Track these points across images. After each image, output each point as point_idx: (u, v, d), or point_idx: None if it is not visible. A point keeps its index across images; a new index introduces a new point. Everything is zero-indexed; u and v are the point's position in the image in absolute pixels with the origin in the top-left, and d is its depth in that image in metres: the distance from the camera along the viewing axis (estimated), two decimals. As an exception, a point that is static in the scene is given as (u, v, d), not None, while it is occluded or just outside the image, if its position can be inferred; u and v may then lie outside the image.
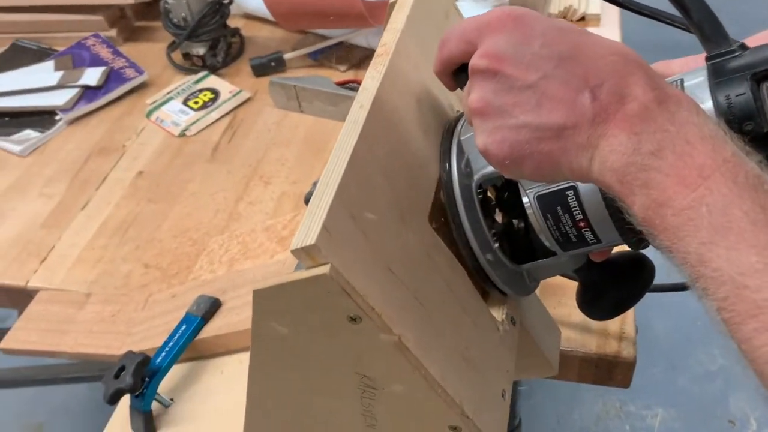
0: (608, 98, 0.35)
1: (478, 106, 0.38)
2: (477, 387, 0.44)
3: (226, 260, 0.79)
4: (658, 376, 1.66)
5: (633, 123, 0.34)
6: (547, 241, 0.45)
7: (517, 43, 0.37)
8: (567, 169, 0.37)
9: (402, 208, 0.42)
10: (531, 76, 0.37)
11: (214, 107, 1.07)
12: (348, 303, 0.35)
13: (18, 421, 1.63)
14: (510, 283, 0.48)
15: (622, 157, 0.34)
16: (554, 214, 0.43)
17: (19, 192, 0.97)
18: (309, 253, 0.34)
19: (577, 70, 0.36)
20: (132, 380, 0.59)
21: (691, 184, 0.32)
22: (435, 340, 0.41)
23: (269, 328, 0.39)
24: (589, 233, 0.43)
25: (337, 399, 0.42)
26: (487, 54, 0.38)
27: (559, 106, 0.36)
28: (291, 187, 0.93)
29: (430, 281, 0.43)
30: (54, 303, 0.79)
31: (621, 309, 0.53)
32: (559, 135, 0.36)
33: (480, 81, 0.39)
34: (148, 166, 0.99)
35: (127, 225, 0.90)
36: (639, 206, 0.34)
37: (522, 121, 0.37)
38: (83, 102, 1.10)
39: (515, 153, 0.37)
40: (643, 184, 0.33)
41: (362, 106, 0.42)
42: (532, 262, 0.48)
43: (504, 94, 0.37)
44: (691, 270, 0.32)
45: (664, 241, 0.33)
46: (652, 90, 0.34)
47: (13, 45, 1.23)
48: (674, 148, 0.33)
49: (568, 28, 0.38)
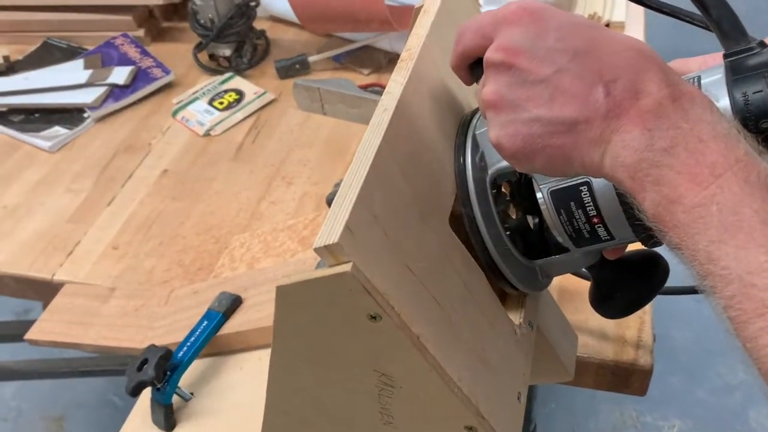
0: (622, 94, 0.35)
1: (492, 99, 0.39)
2: (493, 388, 0.44)
3: (248, 258, 0.80)
4: (677, 387, 1.65)
5: (646, 119, 0.34)
6: (560, 237, 0.45)
7: (533, 37, 0.37)
8: (579, 164, 0.37)
9: (422, 209, 0.43)
10: (545, 70, 0.37)
11: (238, 108, 1.09)
12: (368, 301, 0.36)
13: (39, 413, 1.66)
14: (522, 279, 0.48)
15: (634, 153, 0.34)
16: (568, 209, 0.43)
17: (48, 187, 0.99)
18: (332, 251, 0.35)
19: (592, 65, 0.36)
20: (154, 373, 0.61)
21: (702, 182, 0.32)
22: (452, 340, 0.41)
23: (291, 323, 0.39)
24: (602, 229, 0.43)
25: (356, 396, 0.43)
26: (502, 47, 0.38)
27: (573, 101, 0.36)
28: (312, 187, 0.94)
29: (449, 282, 0.43)
30: (79, 296, 0.81)
31: (634, 308, 0.53)
32: (572, 129, 0.36)
33: (494, 74, 0.39)
34: (173, 164, 1.01)
35: (151, 222, 0.92)
36: (650, 202, 0.34)
37: (535, 114, 0.37)
38: (111, 100, 1.12)
39: (527, 147, 0.38)
40: (654, 181, 0.33)
41: (386, 109, 0.43)
42: (545, 258, 0.48)
43: (517, 88, 0.38)
44: (699, 268, 0.32)
45: (673, 238, 0.33)
46: (666, 86, 0.34)
47: (44, 43, 1.26)
48: (687, 146, 0.33)
49: (584, 23, 0.38)
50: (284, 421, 0.48)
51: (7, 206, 0.96)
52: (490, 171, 0.46)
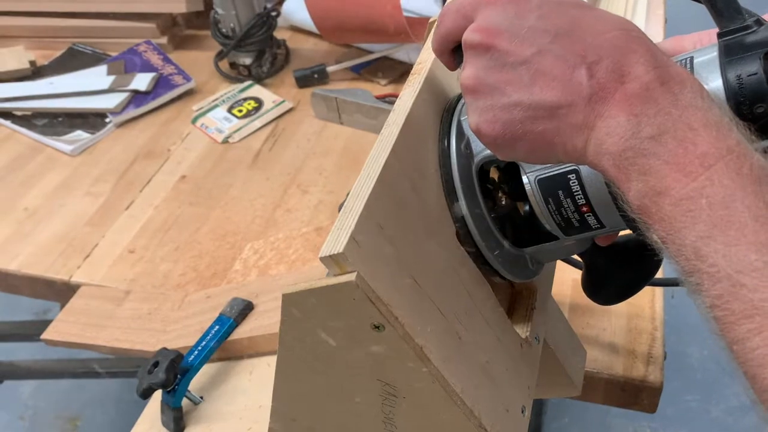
0: (606, 76, 0.33)
1: (470, 83, 0.37)
2: (496, 401, 0.44)
3: (261, 265, 0.81)
4: (692, 405, 1.63)
5: (632, 104, 0.32)
6: (549, 226, 0.43)
7: (512, 17, 0.35)
8: (561, 151, 0.35)
9: (429, 221, 0.43)
10: (525, 51, 0.34)
11: (257, 116, 1.10)
12: (372, 311, 0.36)
13: (55, 413, 1.68)
14: (511, 268, 0.46)
15: (619, 141, 0.32)
16: (556, 198, 0.41)
17: (68, 190, 1.01)
18: (337, 261, 0.35)
19: (575, 46, 0.34)
20: (165, 376, 0.61)
21: (691, 173, 0.30)
22: (456, 352, 0.42)
23: (296, 331, 0.40)
24: (592, 218, 0.41)
25: (359, 405, 0.43)
26: (480, 28, 0.36)
27: (554, 84, 0.34)
28: (327, 196, 0.95)
29: (455, 294, 0.44)
30: (95, 298, 0.82)
31: (627, 294, 0.51)
32: (553, 114, 0.34)
33: (472, 57, 0.37)
34: (191, 170, 1.03)
35: (168, 226, 0.93)
36: (635, 193, 0.32)
37: (515, 99, 0.35)
38: (132, 106, 1.14)
39: (508, 133, 0.36)
40: (640, 171, 0.31)
41: (395, 122, 0.43)
42: (535, 245, 0.46)
43: (496, 71, 0.35)
44: (685, 263, 0.31)
45: (659, 232, 0.32)
46: (654, 68, 0.32)
47: (69, 49, 1.28)
48: (676, 134, 0.31)
49: (568, 2, 0.35)
50: (290, 428, 0.48)
51: (28, 208, 0.98)
52: (476, 159, 0.44)
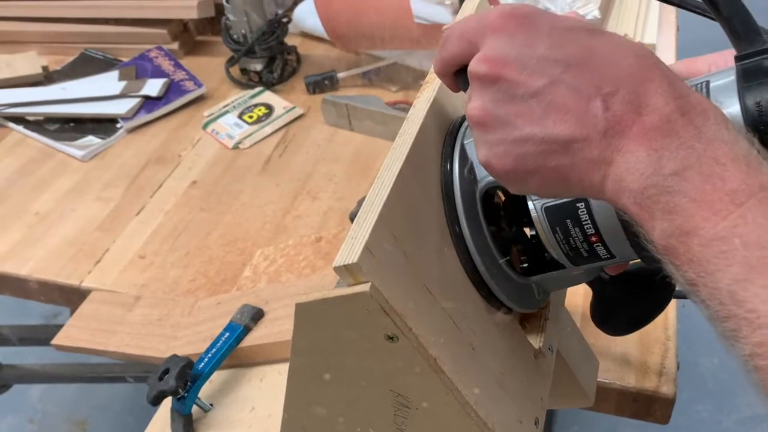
0: (623, 108, 0.31)
1: (478, 115, 0.35)
2: (510, 412, 0.44)
3: (271, 272, 0.81)
4: (704, 416, 1.61)
5: (652, 137, 0.30)
6: (556, 254, 0.42)
7: (521, 46, 0.34)
8: (577, 187, 0.34)
9: (442, 231, 0.43)
10: (536, 83, 0.33)
11: (267, 122, 1.10)
12: (386, 322, 0.36)
13: (63, 416, 1.69)
14: (515, 298, 0.45)
15: (640, 178, 0.30)
16: (564, 227, 0.40)
17: (79, 195, 1.01)
18: (351, 271, 0.35)
19: (589, 76, 0.32)
20: (175, 383, 0.61)
21: (721, 211, 0.28)
22: (470, 363, 0.41)
23: (308, 340, 0.40)
24: (601, 248, 0.40)
25: (371, 415, 0.43)
26: (487, 58, 0.34)
27: (568, 117, 0.32)
28: (337, 203, 0.95)
29: (468, 303, 0.43)
30: (105, 303, 0.82)
31: (638, 325, 0.50)
32: (568, 149, 0.32)
33: (479, 88, 0.35)
34: (202, 176, 1.03)
35: (179, 232, 0.93)
36: (659, 232, 0.30)
37: (526, 133, 0.33)
38: (143, 111, 1.14)
39: (519, 168, 0.34)
40: (664, 209, 0.30)
41: (409, 130, 0.43)
42: (542, 274, 0.44)
43: (506, 103, 0.34)
44: (720, 308, 0.29)
45: (688, 273, 0.30)
46: (674, 99, 0.31)
47: (81, 54, 1.29)
48: (701, 169, 0.29)
49: (579, 28, 0.34)
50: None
51: (39, 213, 0.98)
52: (480, 184, 0.42)
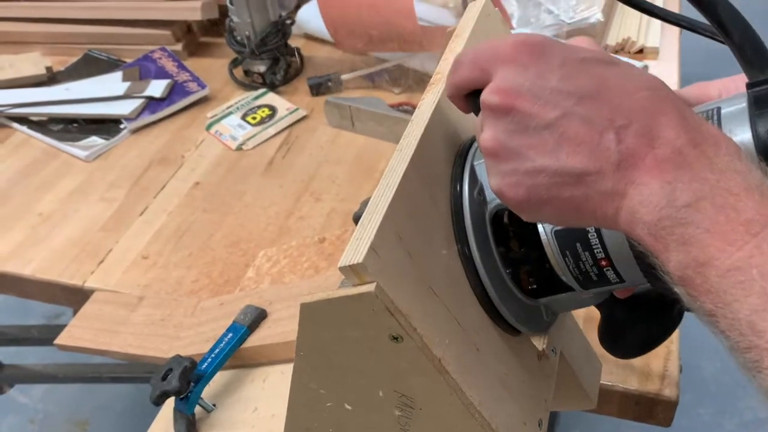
0: (636, 141, 0.31)
1: (491, 146, 0.36)
2: (513, 413, 0.44)
3: (274, 273, 0.81)
4: (705, 419, 1.61)
5: (665, 170, 0.31)
6: (565, 278, 0.42)
7: (534, 77, 0.34)
8: (590, 217, 0.34)
9: (447, 232, 0.43)
10: (549, 115, 0.33)
11: (271, 123, 1.11)
12: (391, 322, 0.36)
13: (65, 417, 1.69)
14: (524, 320, 0.45)
15: (654, 210, 0.31)
16: (573, 251, 0.40)
17: (82, 195, 1.01)
18: (356, 271, 0.35)
19: (601, 109, 0.32)
20: (178, 383, 0.61)
21: (735, 242, 0.29)
22: (474, 364, 0.41)
23: (313, 340, 0.40)
24: (611, 272, 0.40)
25: (375, 416, 0.43)
26: (500, 89, 0.35)
27: (581, 149, 0.32)
28: (340, 204, 0.95)
29: (471, 305, 0.43)
30: (108, 304, 0.82)
31: (646, 348, 0.50)
32: (581, 181, 0.33)
33: (492, 119, 0.35)
34: (205, 177, 1.03)
35: (182, 233, 0.93)
36: (675, 264, 0.30)
37: (539, 164, 0.34)
38: (147, 112, 1.14)
39: (532, 198, 0.35)
40: (679, 240, 0.30)
41: (414, 132, 0.43)
42: (550, 296, 0.45)
43: (519, 135, 0.34)
44: (739, 338, 0.29)
45: (705, 304, 0.30)
46: (686, 131, 0.31)
47: (85, 55, 1.29)
48: (714, 200, 0.29)
49: (592, 59, 0.34)
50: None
51: (43, 213, 0.99)
52: (489, 206, 0.43)
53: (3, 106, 1.14)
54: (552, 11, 1.11)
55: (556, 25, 1.11)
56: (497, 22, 0.55)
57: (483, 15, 0.53)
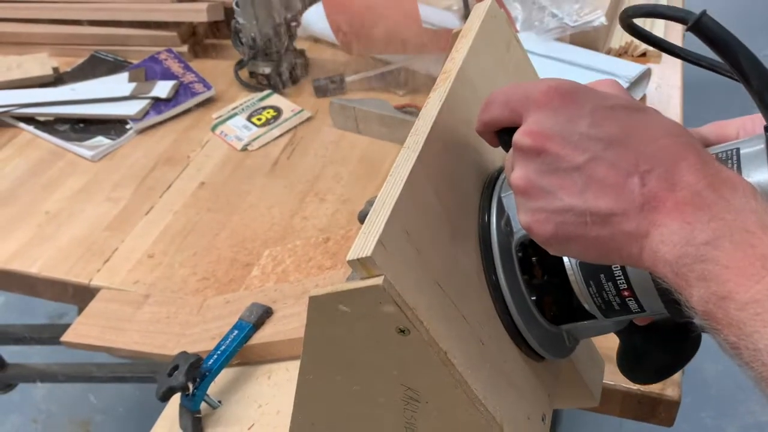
0: (658, 185, 0.34)
1: (521, 184, 0.37)
2: (518, 408, 0.44)
3: (279, 272, 0.82)
4: (707, 423, 1.61)
5: (684, 211, 0.33)
6: (588, 306, 0.43)
7: (564, 122, 0.36)
8: (616, 256, 0.36)
9: (453, 229, 0.44)
10: (578, 158, 0.35)
11: (276, 124, 1.11)
12: (398, 315, 0.37)
13: (67, 417, 1.69)
14: (548, 346, 0.47)
15: (674, 248, 0.32)
16: (597, 281, 0.42)
17: (88, 195, 1.02)
18: (364, 264, 0.36)
19: (627, 154, 0.35)
20: (184, 379, 0.62)
21: (753, 276, 0.30)
22: (479, 358, 0.42)
23: (321, 334, 0.40)
24: (633, 302, 0.42)
25: (381, 409, 0.43)
26: (532, 132, 0.37)
27: (607, 191, 0.35)
28: (344, 204, 0.96)
29: (478, 301, 0.44)
30: (114, 301, 0.83)
31: (664, 375, 0.51)
32: (607, 221, 0.35)
33: (523, 159, 0.37)
34: (210, 177, 1.04)
35: (187, 232, 0.94)
36: (698, 299, 0.32)
37: (567, 204, 0.36)
38: (153, 113, 1.15)
39: (561, 235, 0.36)
40: (699, 276, 0.32)
41: (421, 129, 0.44)
42: (572, 323, 0.47)
43: (548, 175, 0.36)
44: (762, 369, 0.30)
45: (729, 337, 0.31)
46: (704, 176, 0.33)
47: (91, 56, 1.30)
48: (732, 237, 0.31)
49: (619, 107, 0.36)
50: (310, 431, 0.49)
51: (49, 212, 0.99)
52: (516, 236, 0.44)
53: (10, 106, 1.15)
54: (556, 14, 1.11)
55: (560, 28, 1.12)
56: (502, 24, 0.55)
57: (489, 16, 0.54)
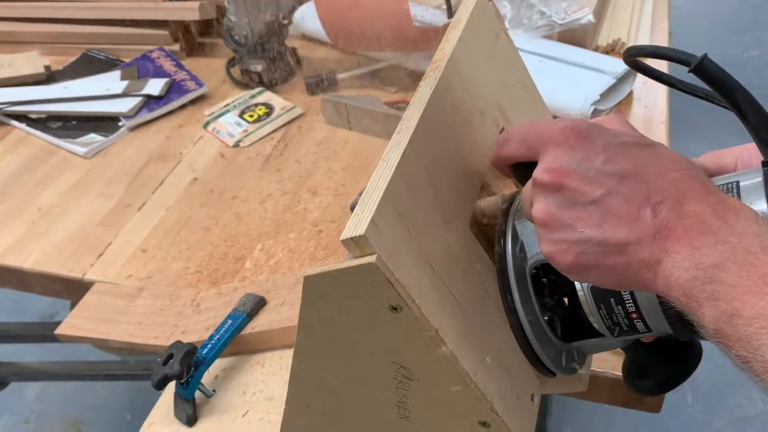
0: (669, 215, 0.36)
1: (543, 217, 0.40)
2: (507, 387, 0.46)
3: (272, 264, 0.83)
4: (696, 417, 1.63)
5: (693, 238, 0.35)
6: (598, 326, 0.46)
7: (581, 159, 0.39)
8: (633, 282, 0.38)
9: (445, 213, 0.45)
10: (594, 192, 0.38)
11: (268, 121, 1.12)
12: (391, 292, 0.38)
13: (59, 417, 1.69)
14: (559, 364, 0.49)
15: (685, 273, 0.35)
16: (607, 304, 0.44)
17: (81, 191, 1.03)
18: (358, 243, 0.37)
19: (639, 187, 0.38)
20: (179, 367, 0.63)
21: (757, 293, 0.33)
22: (470, 337, 0.43)
23: (316, 313, 0.41)
24: (640, 324, 0.44)
25: (374, 388, 0.44)
26: (551, 169, 0.40)
27: (623, 223, 0.37)
28: (336, 199, 0.97)
29: (469, 283, 0.45)
30: (108, 294, 0.84)
31: (668, 388, 0.53)
32: (623, 250, 0.38)
33: (543, 194, 0.40)
34: (203, 173, 1.04)
35: (180, 227, 0.95)
36: (709, 318, 0.34)
37: (586, 235, 0.38)
38: (145, 110, 1.16)
39: (580, 263, 0.39)
40: (709, 297, 0.34)
41: (412, 116, 0.45)
42: (582, 340, 0.49)
43: (567, 208, 0.39)
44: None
45: (740, 352, 0.33)
46: (710, 205, 0.36)
47: (84, 55, 1.30)
48: (736, 259, 0.34)
49: (630, 143, 0.40)
50: (305, 414, 0.50)
51: (42, 208, 1.00)
52: (530, 261, 0.47)
53: (2, 104, 1.16)
54: (544, 12, 1.13)
55: (548, 26, 1.13)
56: (491, 16, 0.57)
57: (477, 9, 0.55)
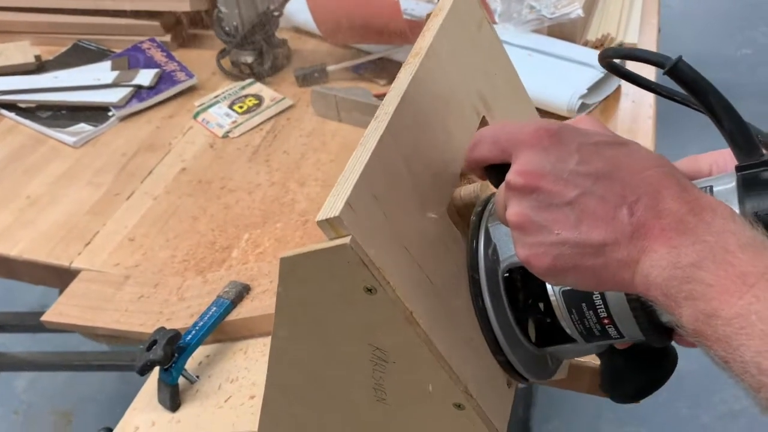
0: (645, 214, 0.36)
1: (518, 220, 0.39)
2: (482, 371, 0.46)
3: (258, 254, 0.83)
4: (682, 413, 1.64)
5: (670, 237, 0.35)
6: (570, 331, 0.46)
7: (555, 161, 0.38)
8: (610, 283, 0.38)
9: (423, 198, 0.45)
10: (569, 193, 0.37)
11: (257, 112, 1.12)
12: (365, 274, 0.38)
13: (49, 407, 1.69)
14: (532, 369, 0.49)
15: (663, 272, 0.35)
16: (579, 309, 0.44)
17: (70, 180, 1.03)
18: (333, 224, 0.37)
19: (614, 187, 0.37)
20: (163, 353, 0.63)
21: (735, 293, 0.32)
22: (445, 321, 0.44)
23: (292, 295, 0.42)
24: (612, 329, 0.44)
25: (351, 370, 0.45)
26: (524, 171, 0.39)
27: (599, 223, 0.37)
28: (325, 190, 0.97)
29: (445, 267, 0.46)
30: (94, 282, 0.84)
31: (644, 394, 0.53)
32: (600, 251, 0.37)
33: (518, 197, 0.39)
34: (192, 163, 1.05)
35: (168, 216, 0.95)
36: (687, 318, 0.34)
37: (562, 237, 0.38)
38: (135, 100, 1.16)
39: (558, 266, 0.38)
40: (687, 296, 0.34)
41: (391, 102, 0.45)
42: (555, 345, 0.49)
43: (542, 211, 0.38)
44: (751, 380, 0.32)
45: (719, 352, 0.33)
46: (686, 202, 0.35)
47: (74, 45, 1.30)
48: (714, 258, 0.33)
49: (603, 143, 0.39)
50: (283, 397, 0.50)
51: (30, 196, 1.00)
52: (502, 265, 0.47)
53: (-8, 93, 1.16)
54: (534, 6, 1.14)
55: (538, 20, 1.14)
56: (474, 5, 0.57)
57: None
